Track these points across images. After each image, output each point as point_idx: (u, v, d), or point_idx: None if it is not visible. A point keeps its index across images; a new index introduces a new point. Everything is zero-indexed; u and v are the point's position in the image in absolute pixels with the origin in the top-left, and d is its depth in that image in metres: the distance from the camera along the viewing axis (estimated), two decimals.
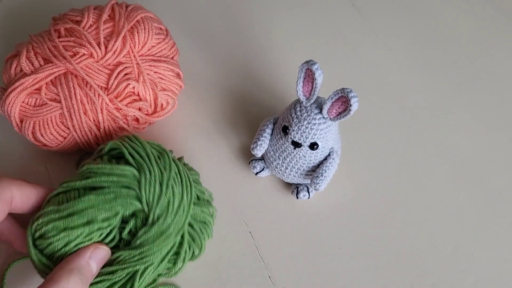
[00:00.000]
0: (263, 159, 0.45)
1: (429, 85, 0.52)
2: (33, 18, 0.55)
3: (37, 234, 0.34)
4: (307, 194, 0.44)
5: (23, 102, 0.41)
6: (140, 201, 0.36)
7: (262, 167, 0.44)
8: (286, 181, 0.44)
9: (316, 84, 0.37)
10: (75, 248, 0.34)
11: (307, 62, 0.37)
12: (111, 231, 0.36)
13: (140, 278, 0.35)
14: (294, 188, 0.44)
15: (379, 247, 0.43)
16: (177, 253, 0.37)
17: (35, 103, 0.41)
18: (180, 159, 0.41)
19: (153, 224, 0.35)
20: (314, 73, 0.37)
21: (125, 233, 0.36)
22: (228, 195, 0.45)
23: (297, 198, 0.44)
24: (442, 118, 0.50)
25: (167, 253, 0.37)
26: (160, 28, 0.46)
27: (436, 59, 0.54)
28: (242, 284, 0.41)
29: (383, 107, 0.51)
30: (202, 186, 0.40)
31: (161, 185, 0.36)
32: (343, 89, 0.36)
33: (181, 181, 0.37)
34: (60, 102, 0.41)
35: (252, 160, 0.45)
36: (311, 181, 0.41)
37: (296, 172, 0.42)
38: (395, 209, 0.45)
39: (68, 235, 0.34)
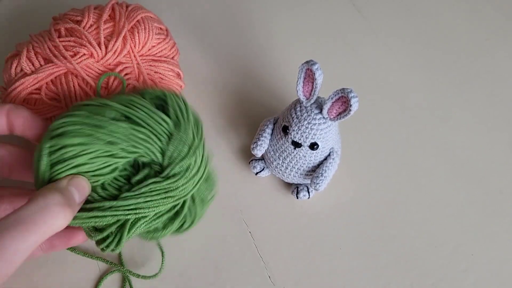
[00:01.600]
0: (263, 159, 0.45)
1: (429, 85, 0.52)
2: (33, 18, 0.55)
3: (58, 131, 0.33)
4: (307, 194, 0.44)
5: (23, 102, 0.41)
6: (163, 154, 0.35)
7: (262, 167, 0.44)
8: (286, 181, 0.44)
9: (316, 84, 0.37)
10: (81, 164, 0.32)
11: (307, 62, 0.37)
12: (114, 166, 0.34)
13: (129, 231, 0.34)
14: (294, 188, 0.44)
15: (379, 247, 0.43)
16: (172, 219, 0.36)
17: (35, 102, 0.41)
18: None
19: (165, 180, 0.34)
20: (314, 73, 0.37)
21: (134, 180, 0.35)
22: (228, 195, 0.45)
23: (297, 198, 0.44)
24: (442, 118, 0.50)
25: (162, 214, 0.35)
26: (160, 28, 0.46)
27: (436, 59, 0.54)
28: (242, 284, 0.41)
29: (383, 107, 0.51)
30: (212, 167, 0.39)
31: (189, 148, 0.35)
32: (343, 89, 0.36)
33: (203, 154, 0.37)
34: (60, 102, 0.41)
35: (252, 160, 0.45)
36: (311, 181, 0.41)
37: (296, 172, 0.42)
38: (395, 209, 0.45)
39: (88, 145, 0.32)
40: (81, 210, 0.33)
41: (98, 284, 0.40)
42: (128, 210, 0.34)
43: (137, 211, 0.34)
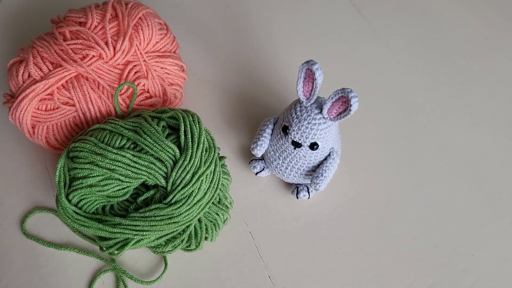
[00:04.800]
0: (263, 159, 0.45)
1: (429, 85, 0.52)
2: (30, 17, 0.55)
3: (71, 154, 0.38)
4: (307, 194, 0.44)
5: (35, 108, 0.41)
6: (167, 180, 0.37)
7: (262, 167, 0.44)
8: (286, 181, 0.44)
9: (316, 84, 0.37)
10: (93, 185, 0.37)
11: (307, 62, 0.37)
12: (127, 189, 0.38)
13: (131, 245, 0.37)
14: (294, 188, 0.44)
15: (379, 247, 0.43)
16: (174, 237, 0.38)
17: (46, 107, 0.41)
18: (222, 158, 0.41)
19: (168, 207, 0.36)
20: (314, 73, 0.37)
21: (139, 199, 0.38)
22: None
23: (297, 198, 0.44)
24: (442, 118, 0.50)
25: (166, 234, 0.37)
26: (160, 23, 0.46)
27: (436, 59, 0.54)
28: (242, 284, 0.41)
29: (383, 107, 0.51)
30: (228, 192, 0.41)
31: (193, 175, 0.36)
32: (343, 89, 0.36)
33: (211, 181, 0.38)
34: (73, 105, 0.41)
35: (252, 160, 0.45)
36: (311, 181, 0.41)
37: (296, 172, 0.42)
38: (395, 209, 0.45)
39: (91, 170, 0.36)
40: (93, 219, 0.37)
41: (92, 283, 0.40)
42: (135, 230, 0.36)
43: (142, 233, 0.36)
